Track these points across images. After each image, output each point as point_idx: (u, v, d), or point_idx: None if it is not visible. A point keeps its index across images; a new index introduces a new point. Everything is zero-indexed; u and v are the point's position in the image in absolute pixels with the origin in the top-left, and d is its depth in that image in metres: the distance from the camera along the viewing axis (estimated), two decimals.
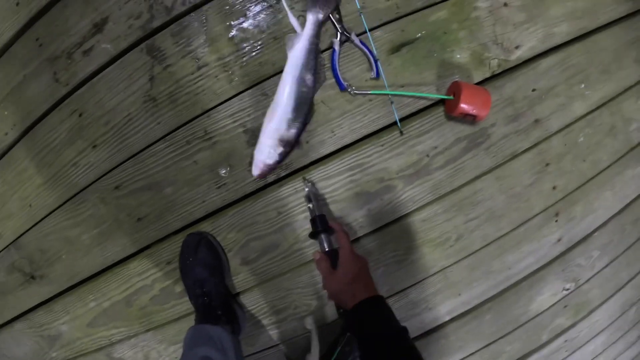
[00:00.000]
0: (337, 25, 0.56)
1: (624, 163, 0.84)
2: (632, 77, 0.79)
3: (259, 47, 0.58)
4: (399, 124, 0.60)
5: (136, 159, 0.63)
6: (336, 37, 0.56)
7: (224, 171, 0.60)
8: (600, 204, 0.85)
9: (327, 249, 0.58)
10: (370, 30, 0.57)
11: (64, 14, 0.62)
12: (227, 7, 0.57)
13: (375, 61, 0.56)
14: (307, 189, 0.59)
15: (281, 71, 0.56)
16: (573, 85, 0.72)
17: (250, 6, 0.57)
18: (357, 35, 0.57)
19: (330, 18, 0.56)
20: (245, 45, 0.57)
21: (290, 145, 0.56)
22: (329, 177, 0.62)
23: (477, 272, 0.77)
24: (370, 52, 0.56)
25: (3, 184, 0.69)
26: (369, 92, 0.57)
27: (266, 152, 0.55)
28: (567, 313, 0.99)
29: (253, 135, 0.59)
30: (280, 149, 0.55)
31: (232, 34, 0.57)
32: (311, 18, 0.54)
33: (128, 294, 0.69)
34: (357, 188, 0.62)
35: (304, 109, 0.55)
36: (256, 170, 0.56)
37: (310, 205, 0.58)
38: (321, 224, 0.57)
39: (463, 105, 0.57)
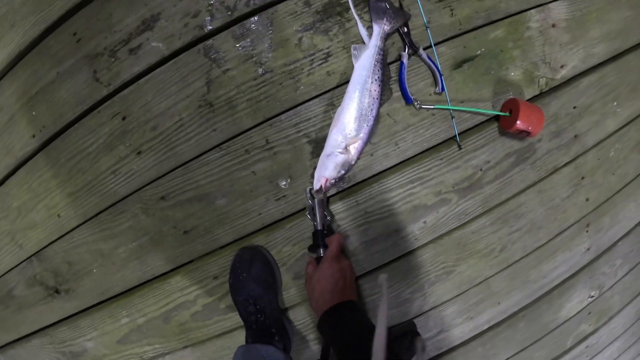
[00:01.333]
0: (405, 39, 0.62)
1: None
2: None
3: (326, 56, 0.63)
4: (458, 138, 0.67)
5: (186, 168, 0.66)
6: (404, 51, 0.62)
7: (284, 183, 0.65)
8: (625, 215, 0.98)
9: (318, 255, 0.63)
10: (435, 45, 0.64)
11: (107, 8, 0.64)
12: (295, 12, 0.62)
13: (441, 76, 0.63)
14: (311, 200, 0.63)
15: (348, 81, 0.61)
16: (607, 103, 0.83)
17: (319, 13, 0.62)
18: (421, 49, 0.64)
19: (399, 31, 0.63)
20: (312, 52, 0.63)
21: (350, 161, 0.61)
22: (390, 190, 0.70)
23: (515, 282, 0.87)
24: (437, 67, 0.63)
25: (27, 191, 0.69)
26: (433, 106, 0.65)
27: (326, 165, 0.60)
28: (591, 319, 1.12)
29: (317, 146, 0.64)
30: (341, 163, 0.61)
31: (298, 40, 0.62)
32: (377, 29, 0.60)
33: (167, 310, 0.72)
34: (415, 201, 0.70)
35: (368, 122, 0.60)
36: (316, 184, 0.61)
37: (316, 216, 0.63)
38: (320, 239, 0.63)
39: (520, 122, 0.65)
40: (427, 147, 0.68)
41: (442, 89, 0.65)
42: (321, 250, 0.63)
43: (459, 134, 0.68)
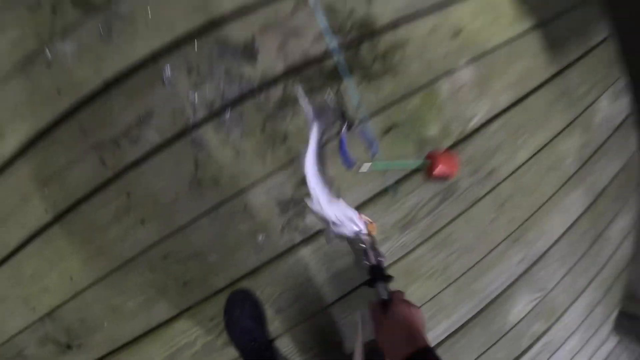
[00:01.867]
0: (343, 120, 1.05)
1: (564, 191, 1.47)
2: (561, 123, 1.42)
3: (285, 138, 1.05)
4: (391, 189, 1.11)
5: (184, 232, 1.04)
6: (343, 129, 1.05)
7: (261, 237, 1.05)
8: (551, 226, 1.47)
9: (381, 297, 0.82)
10: (367, 119, 1.07)
11: (108, 105, 1.01)
12: (261, 107, 1.02)
13: (373, 143, 1.07)
14: (365, 245, 0.90)
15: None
16: (517, 139, 1.31)
17: (277, 105, 1.03)
18: (356, 123, 1.07)
19: (342, 112, 1.06)
20: (275, 136, 1.04)
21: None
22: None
23: (461, 295, 1.33)
24: (370, 136, 1.06)
25: (41, 260, 1.04)
26: (369, 168, 1.08)
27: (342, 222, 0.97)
28: (541, 319, 1.60)
29: (284, 207, 1.05)
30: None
31: (262, 126, 1.03)
32: (315, 130, 1.03)
33: (171, 353, 1.08)
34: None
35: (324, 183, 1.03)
36: (360, 227, 0.94)
37: (366, 254, 0.88)
38: (378, 272, 0.85)
39: (437, 171, 1.10)
40: (368, 198, 1.12)
41: (376, 152, 1.09)
42: (380, 287, 0.83)
43: (394, 184, 1.13)
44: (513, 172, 1.31)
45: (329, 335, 1.17)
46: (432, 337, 1.34)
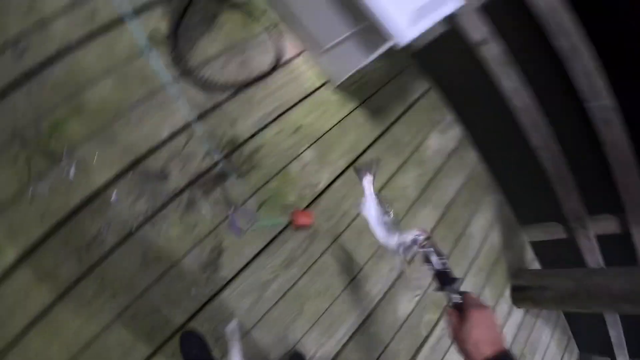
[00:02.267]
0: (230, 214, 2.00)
1: (413, 212, 2.45)
2: (394, 166, 2.42)
3: (195, 225, 1.98)
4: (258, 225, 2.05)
5: (142, 296, 1.90)
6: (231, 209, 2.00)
7: (194, 290, 1.95)
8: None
9: (454, 302, 0.99)
10: (246, 199, 2.02)
11: (78, 222, 1.90)
12: (177, 208, 1.96)
13: (253, 215, 2.01)
14: (425, 250, 1.09)
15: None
16: (357, 186, 2.29)
17: (190, 207, 1.97)
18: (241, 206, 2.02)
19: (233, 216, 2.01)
20: (189, 224, 1.96)
21: None
22: (246, 283, 2.03)
23: (349, 304, 2.22)
24: (250, 211, 2.01)
25: (45, 335, 1.88)
26: (251, 228, 2.02)
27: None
28: (429, 311, 2.53)
29: (204, 267, 1.95)
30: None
31: (181, 220, 1.96)
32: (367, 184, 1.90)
33: None
34: (256, 284, 2.04)
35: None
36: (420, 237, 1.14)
37: (432, 261, 1.07)
38: (446, 278, 1.04)
39: (298, 223, 2.05)
40: (257, 252, 2.04)
41: (255, 221, 2.03)
42: (450, 290, 1.02)
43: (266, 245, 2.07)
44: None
45: (258, 350, 2.05)
46: (337, 339, 2.20)
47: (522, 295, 3.05)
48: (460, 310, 0.98)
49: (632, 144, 2.47)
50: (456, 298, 1.02)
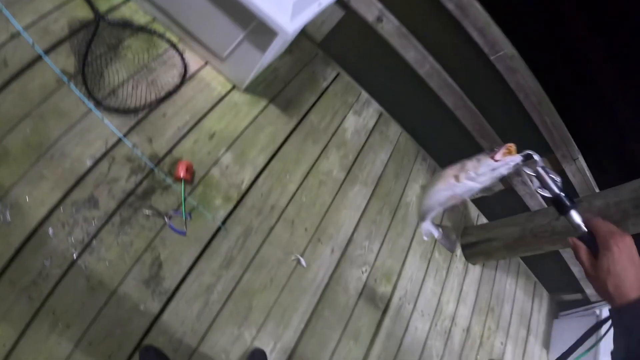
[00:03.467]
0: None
1: (342, 192, 2.91)
2: (316, 152, 2.87)
3: (131, 243, 2.36)
4: (222, 229, 2.45)
5: (95, 322, 2.26)
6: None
7: (142, 306, 2.32)
8: (345, 219, 2.88)
9: (580, 230, 0.99)
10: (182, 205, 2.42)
11: (22, 260, 2.25)
12: (111, 230, 2.33)
13: (187, 217, 2.40)
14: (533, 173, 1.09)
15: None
16: (282, 179, 2.71)
17: (123, 227, 2.35)
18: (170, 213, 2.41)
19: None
20: (125, 244, 2.34)
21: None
22: (188, 290, 2.41)
23: (296, 293, 2.63)
24: (183, 214, 2.41)
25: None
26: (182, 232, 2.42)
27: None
28: (381, 283, 2.97)
29: (148, 283, 2.33)
30: None
31: (117, 242, 2.34)
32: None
33: None
34: (202, 289, 2.43)
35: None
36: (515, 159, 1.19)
37: (542, 181, 1.07)
38: (564, 202, 1.02)
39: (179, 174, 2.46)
40: (197, 256, 2.44)
41: (189, 218, 2.42)
42: (574, 215, 1.01)
43: (223, 225, 2.47)
44: (290, 200, 2.70)
45: (217, 353, 2.43)
46: (293, 328, 2.59)
47: (473, 251, 3.64)
48: (588, 240, 0.97)
49: (542, 85, 3.01)
50: (581, 225, 1.00)
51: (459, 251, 3.63)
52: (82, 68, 2.32)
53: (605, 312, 4.07)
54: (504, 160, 1.12)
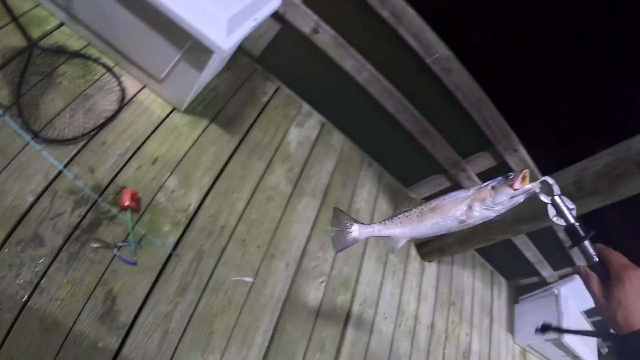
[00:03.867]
0: None
1: (292, 205, 3.04)
2: (261, 168, 3.00)
3: (82, 279, 2.40)
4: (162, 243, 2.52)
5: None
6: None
7: (101, 344, 2.36)
8: (296, 232, 3.02)
9: (592, 259, 1.04)
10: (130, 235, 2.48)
11: None
12: (61, 268, 2.37)
13: (137, 246, 2.47)
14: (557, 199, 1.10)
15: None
16: (229, 197, 2.83)
17: (72, 262, 2.39)
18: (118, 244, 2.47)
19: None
20: (76, 280, 2.38)
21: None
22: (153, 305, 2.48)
23: (256, 311, 2.75)
24: (133, 243, 2.47)
25: None
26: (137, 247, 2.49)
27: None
28: (341, 291, 3.13)
29: (104, 319, 2.38)
30: None
31: (67, 279, 2.38)
32: None
33: None
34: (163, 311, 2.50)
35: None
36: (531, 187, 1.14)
37: (558, 210, 1.09)
38: (578, 232, 1.05)
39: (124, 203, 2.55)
40: (151, 286, 2.50)
41: (139, 248, 2.49)
42: (587, 246, 1.05)
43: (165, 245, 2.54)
44: (240, 218, 2.82)
45: None
46: (258, 346, 2.71)
47: (427, 249, 3.94)
48: (599, 270, 1.03)
49: (479, 83, 3.25)
50: (594, 258, 1.06)
51: (413, 251, 3.87)
52: (17, 99, 2.36)
53: (563, 290, 4.53)
54: (523, 189, 1.15)
